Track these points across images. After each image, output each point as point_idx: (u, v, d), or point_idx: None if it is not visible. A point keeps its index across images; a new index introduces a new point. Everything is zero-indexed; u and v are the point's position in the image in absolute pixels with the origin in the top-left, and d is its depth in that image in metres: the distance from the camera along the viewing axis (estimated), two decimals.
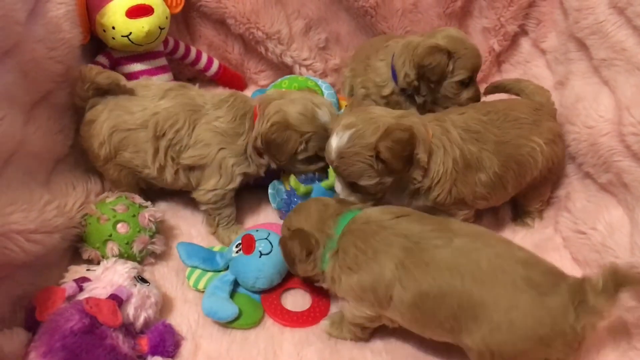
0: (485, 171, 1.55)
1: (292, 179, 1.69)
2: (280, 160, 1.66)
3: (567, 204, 1.73)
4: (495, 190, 1.59)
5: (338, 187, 1.56)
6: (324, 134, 1.62)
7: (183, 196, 1.81)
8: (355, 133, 1.45)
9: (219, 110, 1.67)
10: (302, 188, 1.68)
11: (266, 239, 1.57)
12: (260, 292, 1.56)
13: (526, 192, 1.70)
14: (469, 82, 1.77)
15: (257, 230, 1.61)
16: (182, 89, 1.73)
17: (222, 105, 1.68)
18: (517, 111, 1.63)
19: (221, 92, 1.78)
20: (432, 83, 1.75)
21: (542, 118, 1.65)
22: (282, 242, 1.46)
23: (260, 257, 1.53)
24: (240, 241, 1.58)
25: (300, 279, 1.59)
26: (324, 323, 1.50)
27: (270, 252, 1.54)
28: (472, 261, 1.27)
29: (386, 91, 1.86)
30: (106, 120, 1.65)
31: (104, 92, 1.68)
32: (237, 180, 1.69)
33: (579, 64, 1.79)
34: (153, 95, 1.68)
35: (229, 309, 1.46)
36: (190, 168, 1.68)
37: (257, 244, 1.55)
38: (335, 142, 1.48)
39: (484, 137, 1.56)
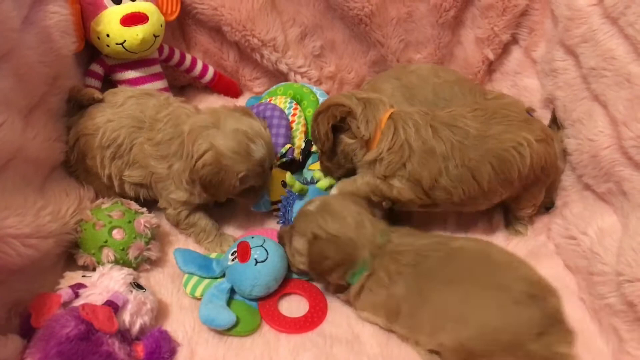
0: (454, 162, 1.57)
1: (289, 176, 1.69)
2: (217, 198, 1.64)
3: (563, 211, 1.75)
4: (463, 183, 1.60)
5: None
6: (259, 169, 1.61)
7: None
8: (321, 105, 1.67)
9: (151, 132, 1.64)
10: (298, 185, 1.69)
11: (261, 246, 1.56)
12: (257, 299, 1.56)
13: (518, 194, 1.70)
14: None
15: (252, 237, 1.61)
16: (142, 98, 1.71)
17: (155, 125, 1.64)
18: (507, 110, 1.65)
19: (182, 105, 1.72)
20: None
21: (535, 119, 1.68)
22: (315, 243, 1.46)
23: (255, 265, 1.52)
24: (235, 249, 1.58)
25: (298, 284, 1.61)
26: None
27: (265, 260, 1.53)
28: (453, 268, 1.40)
29: None
30: (74, 127, 1.69)
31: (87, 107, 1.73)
32: (177, 206, 1.68)
33: (564, 76, 1.80)
34: (115, 102, 1.69)
35: (226, 317, 1.46)
36: (138, 184, 1.69)
37: (252, 252, 1.54)
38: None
39: (462, 132, 1.59)
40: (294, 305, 1.58)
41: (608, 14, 1.59)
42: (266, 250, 1.55)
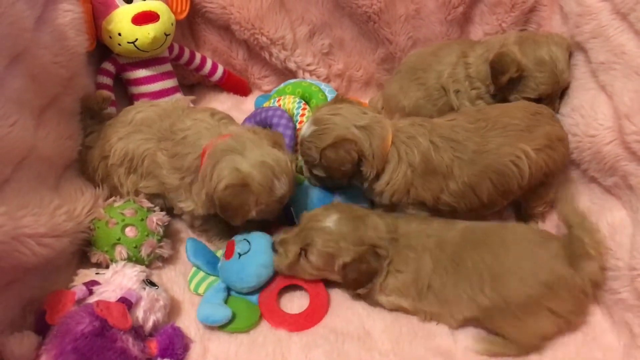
0: (455, 180, 1.57)
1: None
2: (234, 221, 1.55)
3: None
4: (465, 199, 1.60)
5: (301, 162, 1.71)
6: (277, 206, 1.57)
7: None
8: (316, 132, 1.58)
9: (166, 142, 1.63)
10: (302, 178, 1.72)
11: (244, 239, 1.57)
12: (256, 292, 1.55)
13: (526, 195, 1.70)
14: (540, 100, 1.75)
15: (239, 234, 1.62)
16: (152, 110, 1.70)
17: (171, 136, 1.62)
18: (509, 117, 1.61)
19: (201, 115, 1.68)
20: (495, 85, 1.78)
21: (540, 123, 1.62)
22: (355, 264, 1.45)
23: (239, 258, 1.53)
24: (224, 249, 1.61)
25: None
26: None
27: (248, 251, 1.53)
28: (479, 235, 1.47)
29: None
30: (96, 149, 1.71)
31: (100, 117, 1.78)
32: (186, 217, 1.69)
33: (574, 71, 1.79)
34: (125, 120, 1.71)
35: (222, 312, 1.46)
36: (154, 195, 1.70)
37: (236, 247, 1.55)
38: (304, 129, 1.63)
39: (461, 147, 1.57)
40: (295, 301, 1.57)
41: (618, 9, 1.59)
42: (248, 242, 1.56)
